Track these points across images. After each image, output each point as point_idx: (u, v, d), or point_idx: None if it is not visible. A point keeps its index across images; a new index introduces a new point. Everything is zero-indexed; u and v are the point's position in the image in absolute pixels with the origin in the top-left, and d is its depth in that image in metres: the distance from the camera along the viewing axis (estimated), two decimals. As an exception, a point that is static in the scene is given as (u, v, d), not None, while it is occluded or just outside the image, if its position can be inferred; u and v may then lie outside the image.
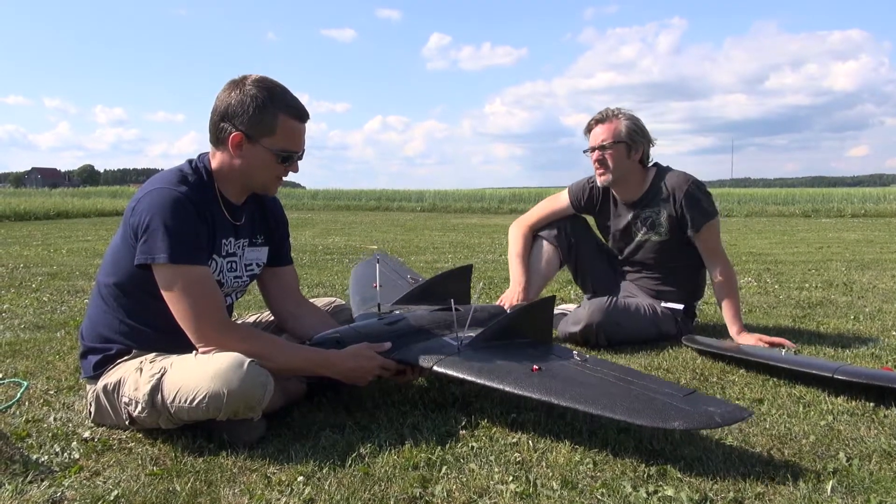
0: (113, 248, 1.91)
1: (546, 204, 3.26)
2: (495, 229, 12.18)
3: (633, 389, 1.72)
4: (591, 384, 1.76)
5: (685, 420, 1.55)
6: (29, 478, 1.53)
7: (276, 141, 1.84)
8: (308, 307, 2.19)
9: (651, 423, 1.56)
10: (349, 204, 25.34)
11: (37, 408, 2.05)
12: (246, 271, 2.03)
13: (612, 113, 2.95)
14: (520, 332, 2.12)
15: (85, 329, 1.94)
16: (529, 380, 1.77)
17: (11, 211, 15.24)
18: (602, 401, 1.64)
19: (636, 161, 2.96)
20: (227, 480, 1.54)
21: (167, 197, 1.76)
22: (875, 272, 5.53)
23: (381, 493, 1.47)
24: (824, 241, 9.06)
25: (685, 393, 1.69)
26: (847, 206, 19.18)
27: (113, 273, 1.88)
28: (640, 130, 2.95)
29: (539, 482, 1.52)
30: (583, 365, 1.90)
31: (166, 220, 1.73)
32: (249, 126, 1.82)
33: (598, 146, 2.93)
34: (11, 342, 2.94)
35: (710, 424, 1.56)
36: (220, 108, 1.84)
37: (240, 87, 1.82)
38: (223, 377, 1.63)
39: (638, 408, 1.61)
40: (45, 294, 4.34)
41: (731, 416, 1.59)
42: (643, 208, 2.99)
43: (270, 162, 1.87)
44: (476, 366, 1.86)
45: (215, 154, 1.91)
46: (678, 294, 3.03)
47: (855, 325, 3.36)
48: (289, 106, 1.85)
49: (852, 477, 1.54)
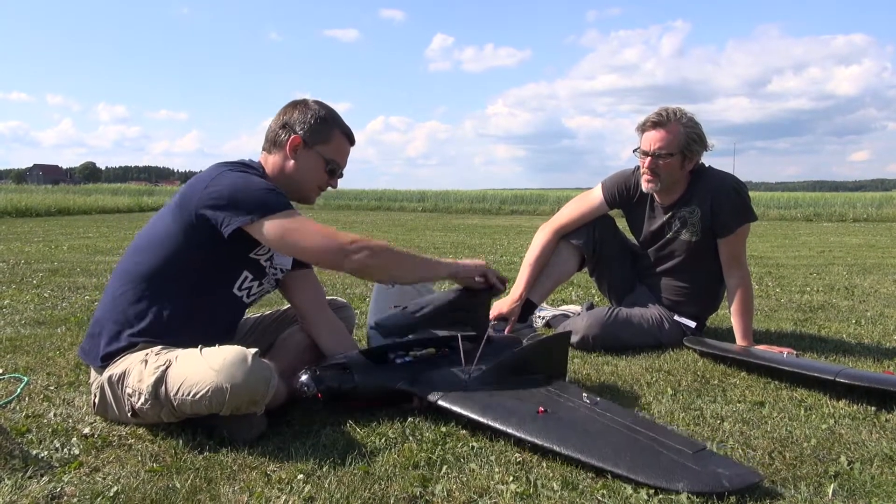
0: (157, 234, 1.94)
1: (576, 204, 3.04)
2: (496, 230, 12.18)
3: (640, 441, 1.64)
4: (597, 432, 1.69)
5: (691, 481, 1.47)
6: (28, 473, 1.53)
7: (328, 150, 2.04)
8: (326, 318, 2.21)
9: (655, 481, 1.48)
10: (351, 204, 25.35)
11: (37, 403, 2.05)
12: (273, 279, 2.10)
13: (671, 116, 2.72)
14: (533, 366, 2.08)
15: (103, 311, 1.94)
16: (533, 423, 1.72)
17: (13, 207, 15.24)
18: (606, 452, 1.58)
19: (687, 170, 2.80)
20: (226, 478, 1.53)
21: (243, 174, 1.90)
22: (877, 276, 5.53)
23: (382, 492, 1.47)
24: (826, 245, 9.05)
25: (695, 449, 1.60)
26: (849, 210, 19.16)
27: (154, 258, 1.90)
28: (699, 138, 2.74)
29: (539, 482, 1.52)
30: (591, 409, 1.83)
31: (254, 185, 1.86)
32: (309, 133, 2.01)
33: (652, 153, 2.73)
34: (12, 338, 2.94)
35: (716, 488, 1.45)
36: (282, 119, 2.03)
37: (303, 104, 2.05)
38: (227, 371, 1.64)
39: (643, 463, 1.54)
40: (45, 290, 4.34)
41: (741, 480, 1.48)
42: (680, 208, 2.85)
43: (320, 169, 2.04)
44: (480, 402, 1.83)
45: (267, 159, 2.05)
46: (694, 308, 2.95)
47: (856, 329, 3.35)
48: (343, 125, 2.08)
49: (853, 481, 1.54)
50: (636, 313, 2.91)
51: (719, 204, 2.76)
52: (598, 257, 3.04)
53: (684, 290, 2.95)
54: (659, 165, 2.74)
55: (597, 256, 3.03)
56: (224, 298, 2.00)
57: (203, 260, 1.91)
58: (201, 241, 1.87)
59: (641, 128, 2.79)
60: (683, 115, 2.74)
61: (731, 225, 2.77)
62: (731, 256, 2.81)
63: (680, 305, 2.96)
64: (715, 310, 3.12)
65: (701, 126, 2.78)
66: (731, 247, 2.80)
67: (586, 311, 3.03)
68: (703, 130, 2.78)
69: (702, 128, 2.78)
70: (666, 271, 2.98)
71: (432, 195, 26.78)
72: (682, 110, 2.76)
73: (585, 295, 4.29)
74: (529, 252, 3.03)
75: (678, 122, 2.72)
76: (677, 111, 2.75)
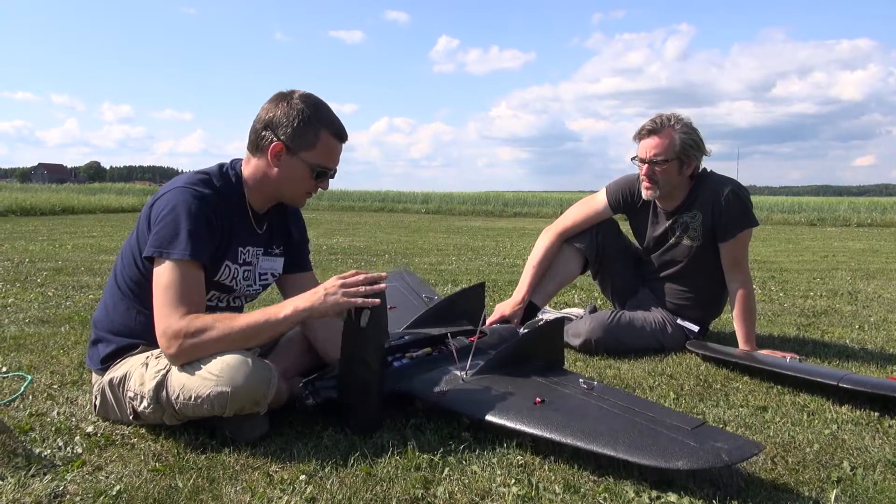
0: (133, 241, 1.92)
1: (580, 208, 3.05)
2: (499, 232, 12.18)
3: (637, 422, 1.65)
4: (594, 417, 1.71)
5: (690, 459, 1.48)
6: (31, 471, 1.54)
7: (314, 156, 1.88)
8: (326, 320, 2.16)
9: (654, 462, 1.49)
10: (354, 205, 25.33)
11: (40, 402, 2.05)
12: (260, 280, 2.04)
13: (666, 122, 2.75)
14: (530, 355, 2.09)
15: (98, 317, 1.95)
16: (531, 414, 1.73)
17: (17, 206, 15.28)
18: (604, 437, 1.59)
19: (686, 176, 2.81)
20: (229, 478, 1.54)
21: (187, 196, 1.79)
22: (880, 282, 5.51)
23: (384, 494, 1.47)
24: (829, 250, 9.03)
25: (693, 425, 1.62)
26: (853, 215, 19.12)
27: (132, 265, 1.89)
28: (696, 143, 2.75)
29: (541, 485, 1.52)
30: (588, 393, 1.85)
31: (180, 218, 1.75)
32: (292, 138, 1.85)
33: (648, 160, 2.76)
34: (16, 336, 2.95)
35: (716, 462, 1.48)
36: (265, 118, 1.88)
37: (287, 100, 1.87)
38: (228, 374, 1.64)
39: (641, 444, 1.55)
40: (49, 289, 4.35)
41: (740, 453, 1.50)
42: (682, 213, 2.86)
43: (305, 176, 1.90)
44: (478, 399, 1.84)
45: (250, 161, 1.93)
46: (697, 312, 2.95)
47: (860, 334, 3.34)
48: (331, 123, 1.90)
49: (856, 487, 1.54)
50: (639, 317, 2.91)
51: (720, 209, 2.77)
52: (602, 260, 3.04)
53: (687, 294, 2.96)
54: (656, 172, 2.76)
55: (600, 260, 3.04)
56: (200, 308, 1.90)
57: None
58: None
59: (638, 136, 2.81)
60: (678, 121, 2.76)
61: (733, 229, 2.77)
62: (732, 261, 2.81)
63: (683, 309, 2.96)
64: (718, 314, 3.12)
65: (698, 131, 2.79)
66: (733, 251, 2.80)
67: (589, 314, 3.03)
68: (701, 135, 2.79)
69: (699, 133, 2.79)
70: (669, 276, 2.98)
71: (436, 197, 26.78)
72: (678, 116, 2.78)
73: (588, 298, 4.29)
74: (533, 255, 3.03)
75: (672, 129, 2.74)
76: (672, 117, 2.77)
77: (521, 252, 7.69)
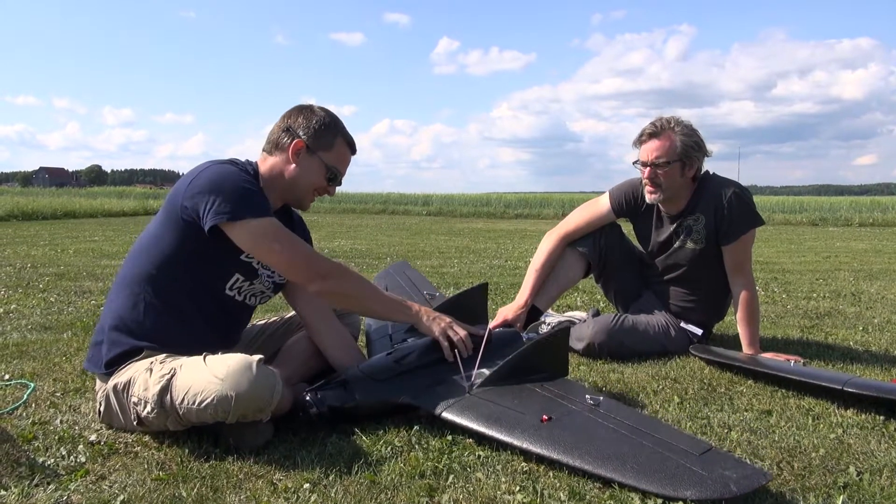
0: (149, 236, 1.95)
1: (583, 211, 3.02)
2: (501, 234, 12.17)
3: (645, 446, 1.63)
4: (602, 439, 1.69)
5: (698, 488, 1.46)
6: (35, 481, 1.54)
7: (330, 157, 2.04)
8: (331, 325, 2.20)
9: (662, 490, 1.47)
10: (355, 207, 25.33)
11: (43, 410, 2.05)
12: (268, 280, 2.07)
13: (666, 125, 2.74)
14: (535, 366, 2.07)
15: (105, 318, 1.95)
16: (538, 433, 1.71)
17: (19, 210, 15.30)
18: (612, 461, 1.57)
19: (689, 178, 2.80)
20: (232, 486, 1.53)
21: (227, 169, 1.90)
22: (883, 282, 5.50)
23: (388, 502, 1.47)
24: (832, 251, 9.02)
25: (701, 451, 1.59)
26: (855, 215, 19.09)
27: (147, 261, 1.91)
28: (697, 145, 2.74)
29: (546, 493, 1.51)
30: (594, 410, 1.83)
31: (234, 183, 1.85)
32: (312, 138, 2.01)
33: (650, 163, 2.74)
34: (18, 343, 2.95)
35: (724, 493, 1.44)
36: (286, 123, 2.03)
37: (308, 109, 2.05)
38: (232, 380, 1.64)
39: (649, 470, 1.53)
40: (52, 294, 4.35)
41: (748, 482, 1.47)
42: (685, 217, 2.85)
43: (320, 175, 2.03)
44: (484, 413, 1.82)
45: (266, 159, 2.04)
46: (701, 315, 2.94)
47: (864, 336, 3.33)
48: (346, 134, 2.08)
49: (863, 492, 1.53)
50: (642, 320, 2.91)
51: (723, 211, 2.76)
52: (605, 264, 3.03)
53: (691, 297, 2.95)
54: (659, 175, 2.75)
55: (603, 263, 3.03)
56: (217, 299, 1.98)
57: (192, 259, 1.90)
58: (188, 236, 1.86)
59: (638, 140, 2.81)
60: (679, 124, 2.75)
61: (735, 232, 2.76)
62: (735, 264, 2.80)
63: (687, 312, 2.95)
64: (721, 317, 3.11)
65: (699, 133, 2.78)
66: (735, 254, 2.79)
67: (592, 317, 3.02)
68: (702, 137, 2.79)
69: (700, 134, 2.78)
70: (672, 279, 2.97)
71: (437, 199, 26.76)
72: (678, 118, 2.78)
73: (591, 301, 4.28)
74: (535, 258, 3.02)
75: (673, 131, 2.73)
76: (672, 120, 2.77)
77: (523, 254, 7.69)
